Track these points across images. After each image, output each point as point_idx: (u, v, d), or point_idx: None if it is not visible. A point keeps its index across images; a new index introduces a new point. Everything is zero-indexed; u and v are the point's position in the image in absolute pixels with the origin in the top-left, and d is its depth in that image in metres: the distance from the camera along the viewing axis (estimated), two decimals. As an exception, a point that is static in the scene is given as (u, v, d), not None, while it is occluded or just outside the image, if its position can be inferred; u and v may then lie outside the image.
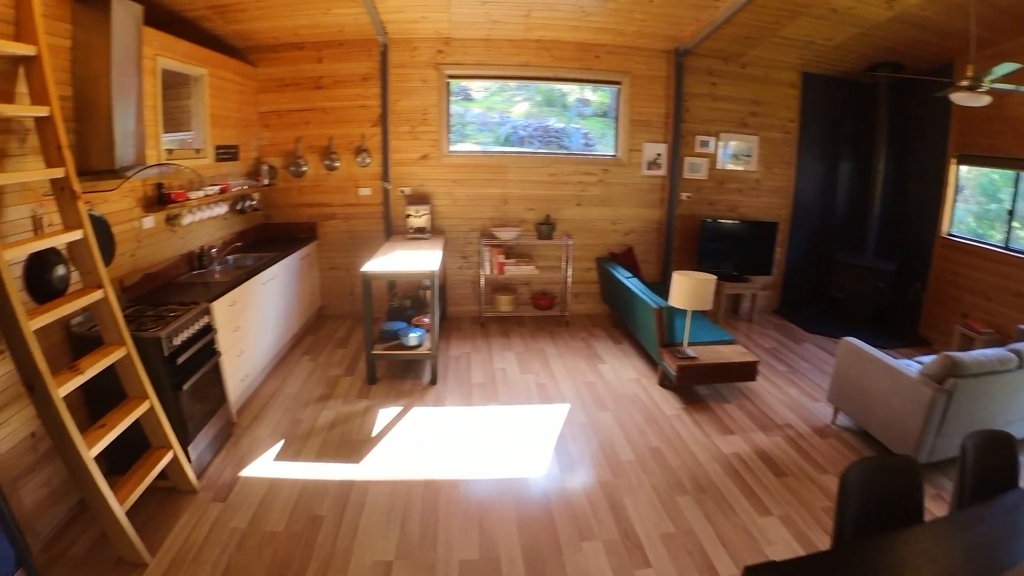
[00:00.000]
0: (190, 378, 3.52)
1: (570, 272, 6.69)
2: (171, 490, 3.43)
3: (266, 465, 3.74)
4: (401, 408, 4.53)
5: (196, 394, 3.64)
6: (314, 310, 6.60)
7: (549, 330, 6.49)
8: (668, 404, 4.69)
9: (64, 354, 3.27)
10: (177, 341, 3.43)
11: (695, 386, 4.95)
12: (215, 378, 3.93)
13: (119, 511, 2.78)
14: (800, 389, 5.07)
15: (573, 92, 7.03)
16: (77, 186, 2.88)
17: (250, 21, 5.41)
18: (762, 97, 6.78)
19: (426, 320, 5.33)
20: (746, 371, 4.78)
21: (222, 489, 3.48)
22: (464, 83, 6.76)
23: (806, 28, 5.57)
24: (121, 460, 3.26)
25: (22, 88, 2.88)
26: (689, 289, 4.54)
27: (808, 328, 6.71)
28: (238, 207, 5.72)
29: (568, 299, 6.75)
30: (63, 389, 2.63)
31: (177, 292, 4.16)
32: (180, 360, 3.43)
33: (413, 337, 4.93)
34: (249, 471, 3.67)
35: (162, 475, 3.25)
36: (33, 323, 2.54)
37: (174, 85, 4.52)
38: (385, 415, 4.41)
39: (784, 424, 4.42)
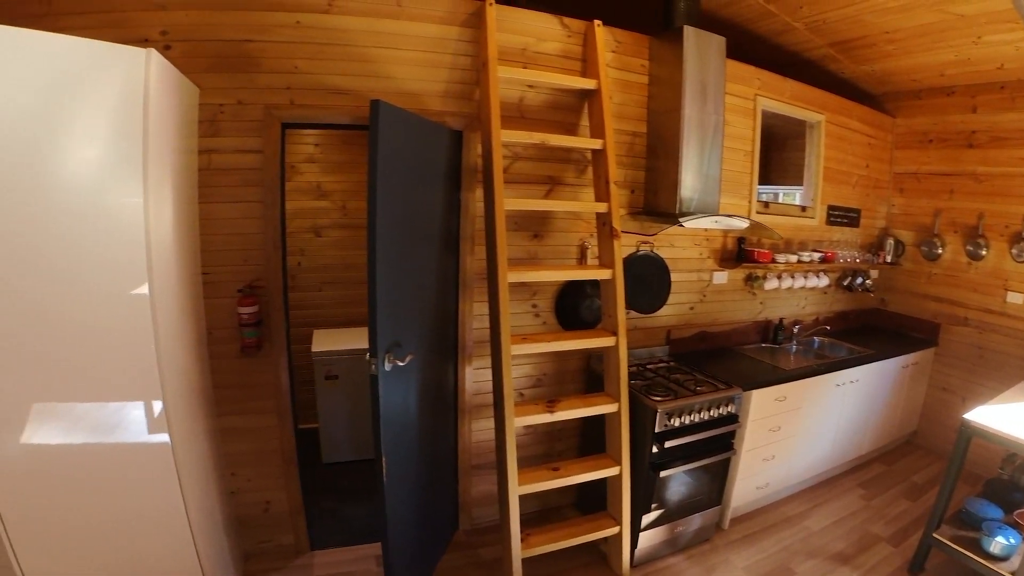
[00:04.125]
0: (677, 465, 2.99)
1: None
2: (602, 560, 3.09)
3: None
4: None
5: (682, 484, 3.10)
6: (902, 434, 5.02)
7: None
8: None
9: (577, 382, 3.27)
10: (676, 422, 2.94)
11: None
12: (718, 475, 3.28)
13: (517, 556, 2.64)
14: None
15: None
16: (617, 224, 2.70)
17: (881, 60, 4.26)
18: None
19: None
20: None
21: (646, 594, 2.92)
22: None
23: None
24: (590, 500, 3.15)
25: (585, 121, 2.88)
26: None
27: None
28: (845, 283, 4.75)
29: None
30: (520, 420, 2.57)
31: (728, 361, 3.67)
32: (672, 443, 2.93)
33: (997, 543, 3.01)
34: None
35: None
36: (515, 348, 2.51)
37: (786, 135, 3.96)
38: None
39: None
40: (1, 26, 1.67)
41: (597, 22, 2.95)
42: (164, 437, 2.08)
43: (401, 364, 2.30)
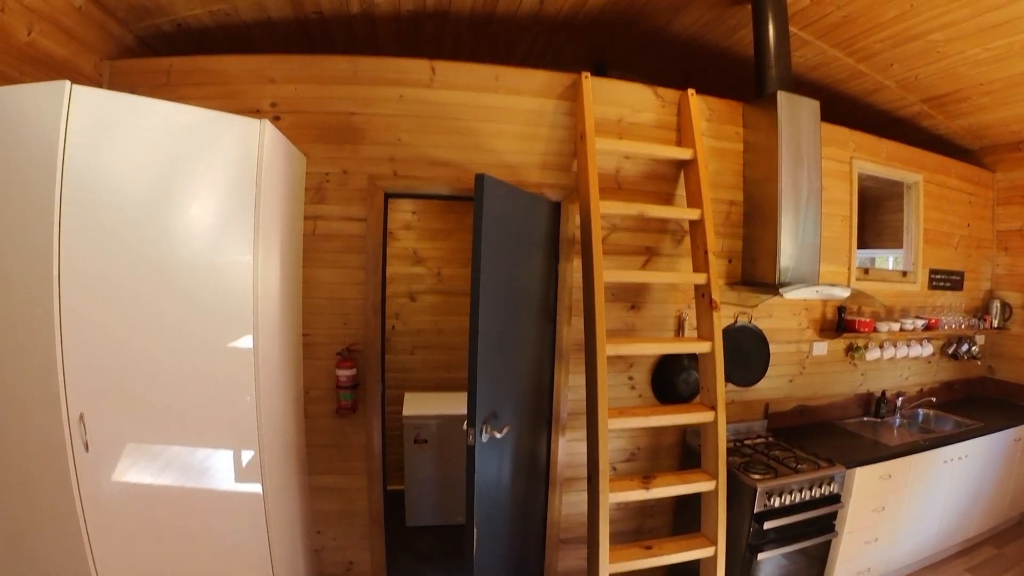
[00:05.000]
0: (775, 547, 2.82)
1: None
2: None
3: None
4: None
5: (779, 567, 2.92)
6: (1013, 514, 4.61)
7: None
8: None
9: (672, 456, 3.17)
10: (776, 502, 2.79)
11: None
12: (817, 558, 3.08)
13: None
14: None
15: None
16: (717, 296, 2.64)
17: (976, 113, 4.10)
18: None
19: None
20: None
21: None
22: None
23: None
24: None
25: (681, 191, 2.86)
26: None
27: None
28: (950, 350, 4.48)
29: None
30: (615, 496, 2.51)
31: (829, 437, 3.49)
32: (771, 523, 2.78)
33: None
34: None
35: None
36: (612, 423, 2.48)
37: (881, 196, 3.82)
38: None
39: None
40: (131, 95, 1.82)
41: (691, 91, 2.96)
42: (257, 487, 2.13)
43: (498, 436, 2.29)
